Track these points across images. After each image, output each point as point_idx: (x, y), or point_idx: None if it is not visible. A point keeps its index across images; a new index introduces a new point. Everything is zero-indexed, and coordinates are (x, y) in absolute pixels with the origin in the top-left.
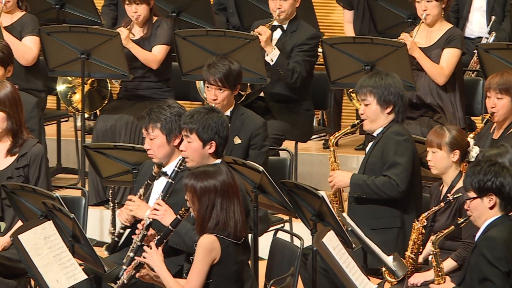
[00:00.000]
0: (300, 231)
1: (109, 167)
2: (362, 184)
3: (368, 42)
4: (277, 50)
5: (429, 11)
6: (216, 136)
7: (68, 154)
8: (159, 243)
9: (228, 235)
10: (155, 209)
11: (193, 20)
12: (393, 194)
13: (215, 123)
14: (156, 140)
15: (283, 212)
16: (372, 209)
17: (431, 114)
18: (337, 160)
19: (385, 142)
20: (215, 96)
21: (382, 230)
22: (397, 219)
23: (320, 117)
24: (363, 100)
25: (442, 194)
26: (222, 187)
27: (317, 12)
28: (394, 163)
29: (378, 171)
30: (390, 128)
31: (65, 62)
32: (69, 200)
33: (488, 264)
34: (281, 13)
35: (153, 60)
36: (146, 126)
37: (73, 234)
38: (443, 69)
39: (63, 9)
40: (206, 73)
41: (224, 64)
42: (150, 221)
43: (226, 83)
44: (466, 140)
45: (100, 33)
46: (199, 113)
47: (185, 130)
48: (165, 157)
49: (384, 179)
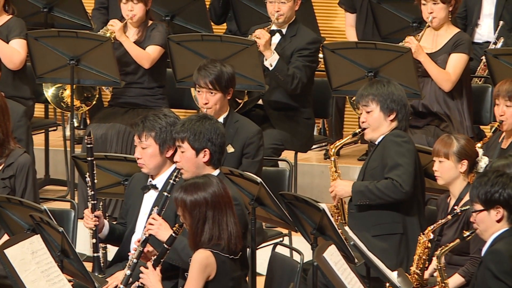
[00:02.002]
0: (300, 245)
1: (99, 179)
2: (364, 190)
3: (371, 48)
4: (276, 54)
5: (435, 13)
6: (209, 144)
7: (56, 164)
8: (156, 263)
9: (222, 249)
10: (150, 223)
11: (188, 24)
12: (397, 196)
13: (207, 130)
14: (148, 150)
15: (282, 226)
16: (373, 215)
17: (437, 122)
18: (338, 170)
19: (385, 145)
20: (206, 100)
21: (384, 236)
22: (399, 224)
23: (321, 126)
24: (364, 107)
25: (449, 207)
26: (213, 199)
27: (318, 17)
28: (395, 165)
29: (378, 175)
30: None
31: (53, 69)
32: (58, 213)
33: (495, 279)
34: (280, 16)
35: (145, 58)
36: (140, 134)
37: (62, 248)
38: (450, 75)
39: (51, 13)
40: (196, 76)
41: (215, 66)
42: (146, 236)
43: (218, 86)
44: (474, 149)
45: (90, 38)
46: (190, 121)
47: (177, 140)
48: (156, 168)
49: (387, 182)
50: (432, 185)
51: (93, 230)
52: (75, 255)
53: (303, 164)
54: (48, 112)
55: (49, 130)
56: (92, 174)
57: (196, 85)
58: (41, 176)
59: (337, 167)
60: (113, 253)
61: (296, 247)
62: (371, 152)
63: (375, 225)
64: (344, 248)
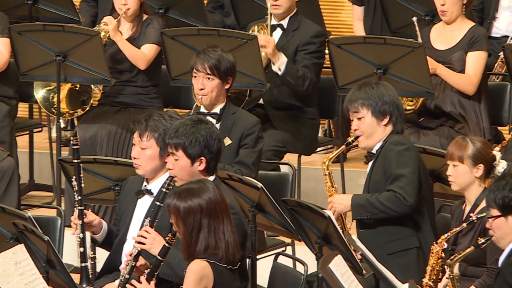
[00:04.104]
0: (304, 255)
1: (88, 183)
2: (365, 204)
3: (380, 43)
4: (283, 56)
5: (447, 6)
6: (205, 151)
7: (41, 168)
8: (150, 278)
9: (220, 259)
10: (142, 236)
11: (183, 18)
12: (401, 210)
13: (203, 137)
14: (148, 151)
15: (285, 234)
16: (384, 232)
17: (451, 123)
18: (334, 184)
19: (385, 155)
20: (202, 85)
21: (400, 253)
22: (413, 238)
23: (327, 127)
24: (355, 114)
25: (464, 214)
26: (209, 206)
27: (323, 10)
28: (397, 176)
29: (382, 188)
30: (389, 139)
31: (38, 65)
32: (43, 221)
33: None
34: (278, 7)
35: (141, 58)
36: (142, 133)
37: (48, 259)
38: (471, 78)
39: (36, 5)
40: (194, 60)
41: (215, 51)
42: (138, 250)
43: (216, 71)
44: (491, 153)
45: (78, 32)
46: (184, 126)
47: (171, 147)
48: (152, 172)
49: (389, 194)
50: (445, 191)
51: (80, 238)
52: (62, 266)
53: (307, 168)
54: (32, 112)
55: (34, 131)
56: (78, 177)
57: (193, 70)
58: (25, 181)
59: (333, 181)
60: (102, 263)
61: (299, 257)
62: (372, 164)
63: (388, 242)
64: (351, 258)
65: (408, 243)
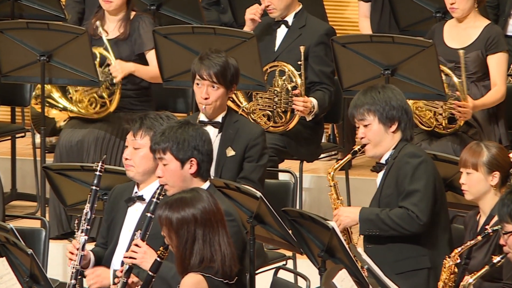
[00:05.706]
0: (306, 269)
1: (74, 193)
2: (374, 219)
3: (388, 41)
4: (314, 100)
5: (457, 4)
6: (195, 152)
7: (25, 176)
8: None
9: (216, 273)
10: (132, 251)
11: (177, 15)
12: (413, 229)
13: (191, 137)
14: (141, 151)
15: (285, 247)
16: (394, 249)
17: (465, 128)
18: (340, 196)
19: (399, 167)
20: (206, 95)
21: (409, 273)
22: (425, 257)
23: (330, 132)
24: (361, 121)
25: (479, 226)
26: (203, 215)
27: (327, 7)
28: (410, 191)
29: (394, 203)
30: (402, 150)
31: (21, 66)
32: (27, 233)
33: None
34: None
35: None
36: (136, 132)
37: (31, 273)
38: (499, 86)
39: (19, 2)
40: (198, 66)
41: (220, 56)
42: (129, 266)
43: (222, 79)
44: (508, 159)
45: (64, 31)
46: (171, 129)
47: (158, 152)
48: (145, 174)
49: (401, 211)
50: (458, 200)
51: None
52: (46, 281)
53: (310, 176)
54: (15, 115)
55: (17, 136)
56: (92, 205)
57: (197, 77)
58: (7, 190)
59: (338, 193)
60: None
61: (301, 271)
62: (384, 176)
63: (397, 261)
64: (357, 272)
65: (419, 263)
